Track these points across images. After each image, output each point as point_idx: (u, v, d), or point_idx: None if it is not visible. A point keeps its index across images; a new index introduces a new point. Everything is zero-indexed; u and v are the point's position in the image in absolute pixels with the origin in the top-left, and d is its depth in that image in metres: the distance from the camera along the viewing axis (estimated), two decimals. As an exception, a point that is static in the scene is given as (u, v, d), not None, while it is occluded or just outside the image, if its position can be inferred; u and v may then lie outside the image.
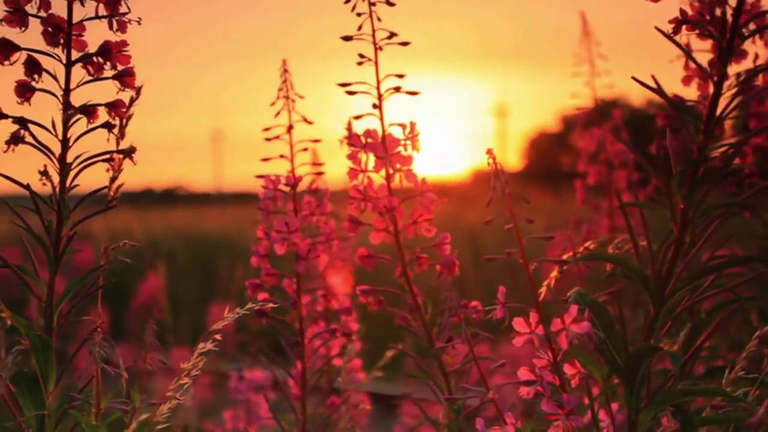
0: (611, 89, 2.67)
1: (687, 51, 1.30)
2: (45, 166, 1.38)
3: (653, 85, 1.22)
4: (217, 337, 1.37)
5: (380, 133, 1.58)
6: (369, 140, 1.54)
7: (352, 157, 1.57)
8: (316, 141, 1.73)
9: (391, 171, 1.57)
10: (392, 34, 1.57)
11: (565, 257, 1.65)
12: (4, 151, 1.36)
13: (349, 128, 1.57)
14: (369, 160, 1.58)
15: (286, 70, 1.73)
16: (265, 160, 1.73)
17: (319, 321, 1.76)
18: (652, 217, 1.48)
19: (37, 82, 1.30)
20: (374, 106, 1.57)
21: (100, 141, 1.41)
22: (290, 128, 1.72)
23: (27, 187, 1.33)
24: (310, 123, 1.72)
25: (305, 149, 1.71)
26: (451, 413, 1.55)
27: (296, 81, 1.72)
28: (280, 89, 1.73)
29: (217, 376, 4.35)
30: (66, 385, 1.47)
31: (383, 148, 1.54)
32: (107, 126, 1.34)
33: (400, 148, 1.55)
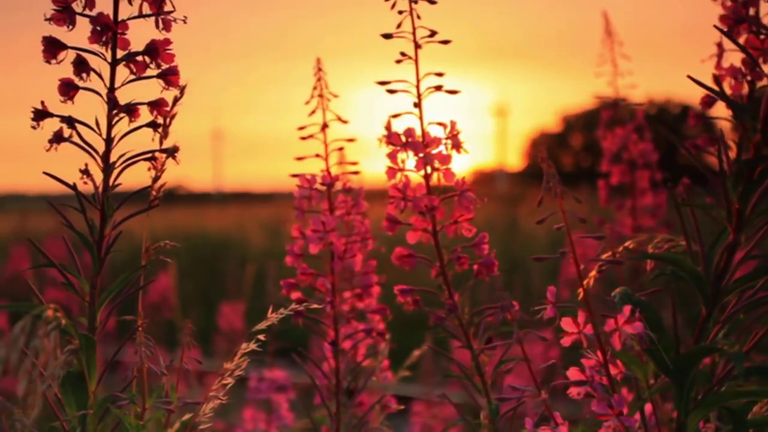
0: (634, 89, 2.66)
1: (744, 48, 1.29)
2: (86, 164, 1.38)
3: (714, 86, 1.21)
4: (261, 337, 1.36)
5: (419, 131, 1.57)
6: (410, 139, 1.53)
7: (391, 155, 1.56)
8: (351, 140, 1.72)
9: (429, 170, 1.56)
10: (433, 33, 1.56)
11: (604, 256, 1.65)
12: (47, 150, 1.35)
13: (388, 127, 1.56)
14: (407, 158, 1.57)
15: (320, 69, 1.72)
16: (298, 159, 1.73)
17: (351, 321, 1.76)
18: (687, 217, 1.48)
19: (84, 81, 1.29)
20: (414, 104, 1.56)
21: (137, 140, 1.41)
22: (325, 127, 1.71)
23: (73, 187, 1.32)
24: (345, 122, 1.71)
25: (341, 148, 1.70)
26: (491, 414, 1.54)
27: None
28: (314, 88, 1.72)
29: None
30: (104, 384, 1.46)
31: (424, 146, 1.53)
32: (153, 125, 1.33)
33: (441, 147, 1.54)
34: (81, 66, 1.27)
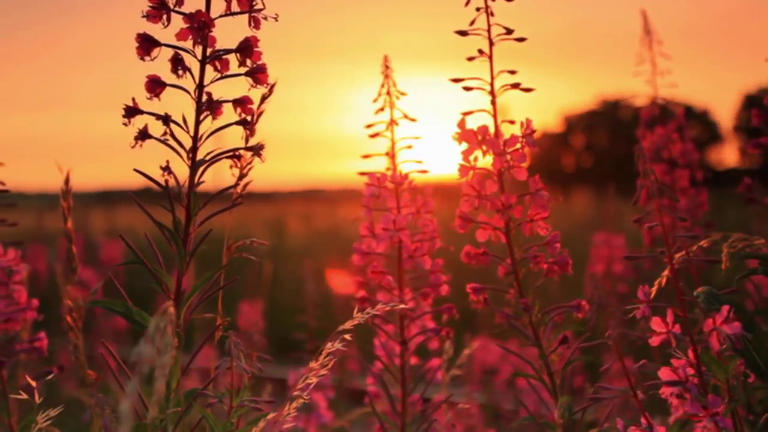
0: (674, 88, 2.66)
1: None
2: (167, 161, 1.37)
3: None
4: (347, 336, 1.36)
5: (493, 129, 1.57)
6: (486, 137, 1.53)
7: (465, 153, 1.56)
8: (418, 138, 1.72)
9: (502, 168, 1.56)
10: (508, 30, 1.56)
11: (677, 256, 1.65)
12: (132, 147, 1.35)
13: (462, 124, 1.56)
14: (478, 156, 1.57)
15: (387, 66, 1.72)
16: (365, 157, 1.72)
17: (418, 320, 1.75)
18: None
19: (180, 78, 1.28)
20: (491, 102, 1.56)
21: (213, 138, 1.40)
22: (392, 124, 1.71)
23: (165, 185, 1.32)
24: (413, 120, 1.71)
25: (409, 147, 1.70)
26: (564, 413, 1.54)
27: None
28: (382, 86, 1.72)
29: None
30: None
31: (501, 144, 1.53)
32: (244, 123, 1.33)
33: (518, 146, 1.54)
34: (177, 63, 1.27)
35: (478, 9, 1.55)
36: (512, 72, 1.58)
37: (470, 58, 1.58)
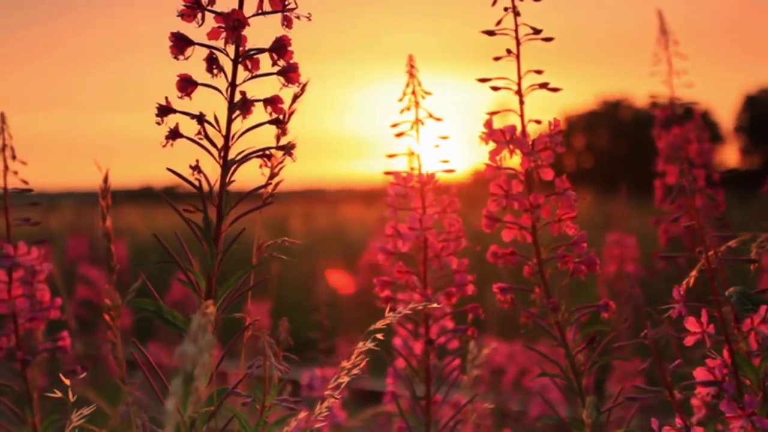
0: (691, 88, 2.66)
1: None
2: (197, 161, 1.37)
3: None
4: (379, 336, 1.36)
5: (520, 129, 1.57)
6: (513, 136, 1.53)
7: (492, 153, 1.56)
8: (445, 138, 1.72)
9: (529, 168, 1.56)
10: (535, 30, 1.55)
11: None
12: (163, 146, 1.35)
13: (489, 124, 1.56)
14: (504, 156, 1.57)
15: (413, 66, 1.72)
16: (390, 156, 1.72)
17: (442, 319, 1.75)
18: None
19: (215, 77, 1.28)
20: (520, 102, 1.56)
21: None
22: (418, 124, 1.71)
23: (199, 186, 1.32)
24: (438, 120, 1.71)
25: (436, 146, 1.70)
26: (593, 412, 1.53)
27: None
28: (407, 85, 1.71)
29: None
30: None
31: (529, 144, 1.53)
32: (276, 122, 1.32)
33: (544, 145, 1.54)
34: (213, 62, 1.27)
35: (506, 9, 1.55)
36: (539, 72, 1.58)
37: (497, 58, 1.58)
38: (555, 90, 1.57)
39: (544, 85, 1.56)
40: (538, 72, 1.58)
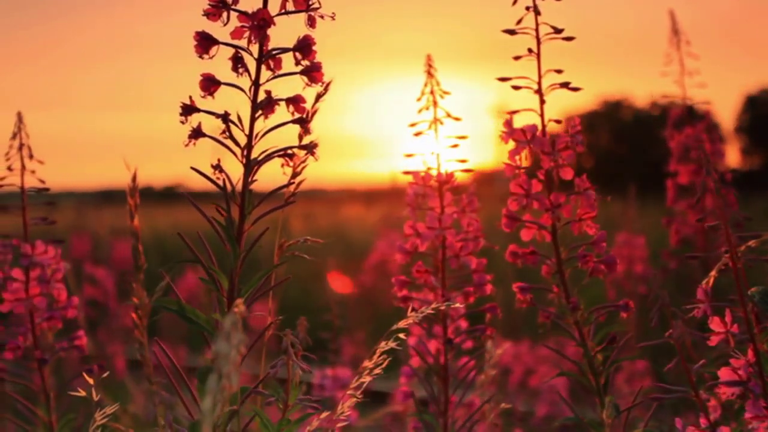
0: (703, 88, 2.66)
1: None
2: (219, 160, 1.37)
3: None
4: (402, 335, 1.36)
5: (540, 128, 1.57)
6: (535, 136, 1.53)
7: (512, 152, 1.56)
8: (463, 137, 1.72)
9: (550, 167, 1.56)
10: (556, 30, 1.55)
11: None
12: (186, 145, 1.35)
13: (510, 123, 1.56)
14: (524, 155, 1.57)
15: (431, 65, 1.71)
16: (408, 156, 1.72)
17: (459, 319, 1.75)
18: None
19: (240, 76, 1.28)
20: (540, 101, 1.56)
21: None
22: (436, 123, 1.71)
23: (224, 185, 1.32)
24: (457, 119, 1.71)
25: (456, 146, 1.70)
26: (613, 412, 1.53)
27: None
28: (425, 84, 1.71)
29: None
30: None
31: (549, 144, 1.53)
32: (300, 121, 1.32)
33: (565, 145, 1.54)
34: (238, 61, 1.27)
35: (527, 8, 1.54)
36: (559, 71, 1.58)
37: (517, 57, 1.58)
38: (576, 89, 1.57)
39: (565, 85, 1.56)
40: (558, 71, 1.58)
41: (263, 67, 1.33)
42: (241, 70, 1.27)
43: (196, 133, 1.34)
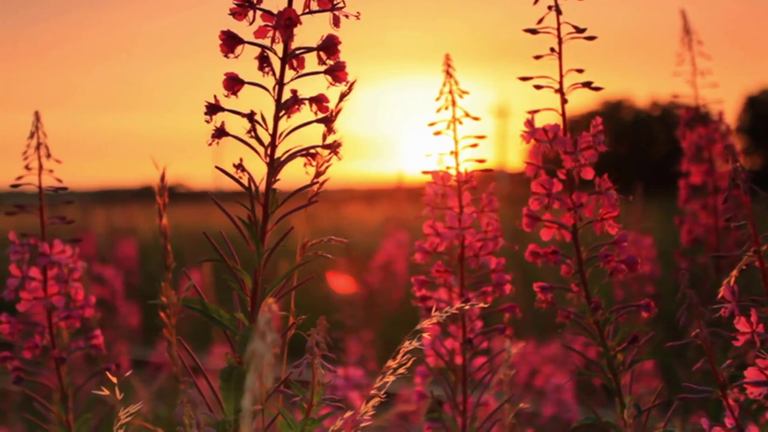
0: (715, 88, 2.65)
1: None
2: (241, 159, 1.37)
3: None
4: (426, 336, 1.36)
5: (561, 127, 1.57)
6: (557, 136, 1.53)
7: (534, 152, 1.55)
8: (482, 137, 1.71)
9: (572, 167, 1.55)
10: (577, 29, 1.55)
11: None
12: (209, 144, 1.34)
13: (531, 123, 1.56)
14: (540, 155, 1.57)
15: (449, 65, 1.71)
16: (428, 156, 1.72)
17: (477, 319, 1.75)
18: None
19: (265, 75, 1.28)
20: (562, 100, 1.55)
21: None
22: (455, 122, 1.70)
23: (249, 185, 1.31)
24: (477, 119, 1.70)
25: (475, 145, 1.70)
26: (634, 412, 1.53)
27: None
28: (444, 84, 1.71)
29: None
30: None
31: (572, 143, 1.53)
32: (325, 121, 1.32)
33: (587, 144, 1.54)
34: (264, 60, 1.27)
35: (550, 7, 1.54)
36: (580, 71, 1.58)
37: (538, 57, 1.58)
38: (597, 89, 1.57)
39: (587, 84, 1.56)
40: (579, 71, 1.58)
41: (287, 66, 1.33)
42: (266, 70, 1.27)
43: (220, 133, 1.33)
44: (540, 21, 1.57)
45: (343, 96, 1.34)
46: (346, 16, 1.30)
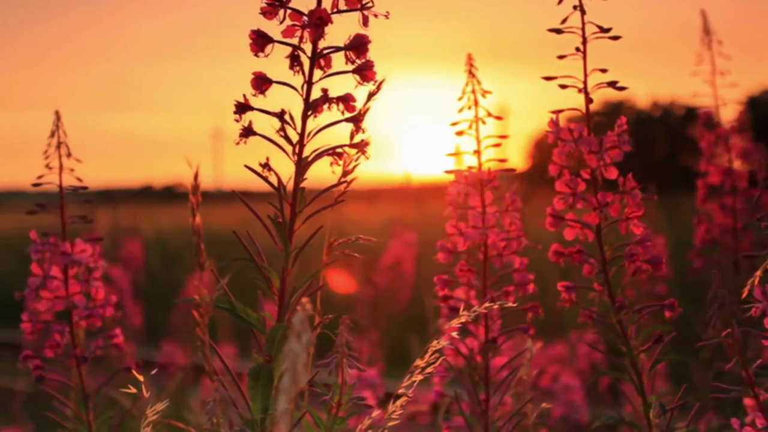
0: (734, 88, 2.65)
1: None
2: (267, 158, 1.37)
3: None
4: (454, 335, 1.35)
5: (586, 127, 1.56)
6: (582, 135, 1.53)
7: (559, 152, 1.55)
8: (504, 137, 1.71)
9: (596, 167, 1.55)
10: (602, 29, 1.55)
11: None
12: (237, 144, 1.34)
13: (556, 123, 1.56)
14: (564, 155, 1.57)
15: (472, 65, 1.71)
16: (450, 155, 1.72)
17: (497, 319, 1.75)
18: None
19: (296, 74, 1.28)
20: (586, 100, 1.55)
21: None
22: (477, 122, 1.70)
23: (278, 185, 1.31)
24: (499, 119, 1.70)
25: (497, 145, 1.69)
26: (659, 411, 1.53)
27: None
28: (466, 84, 1.71)
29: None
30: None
31: (597, 143, 1.53)
32: (354, 120, 1.32)
33: (612, 144, 1.54)
34: (295, 60, 1.26)
35: (575, 7, 1.54)
36: (603, 70, 1.57)
37: (561, 56, 1.58)
38: (622, 89, 1.57)
39: (612, 84, 1.55)
40: (603, 71, 1.57)
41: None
42: (296, 69, 1.27)
43: (247, 132, 1.33)
44: (564, 21, 1.57)
45: (371, 95, 1.34)
46: (375, 16, 1.30)
